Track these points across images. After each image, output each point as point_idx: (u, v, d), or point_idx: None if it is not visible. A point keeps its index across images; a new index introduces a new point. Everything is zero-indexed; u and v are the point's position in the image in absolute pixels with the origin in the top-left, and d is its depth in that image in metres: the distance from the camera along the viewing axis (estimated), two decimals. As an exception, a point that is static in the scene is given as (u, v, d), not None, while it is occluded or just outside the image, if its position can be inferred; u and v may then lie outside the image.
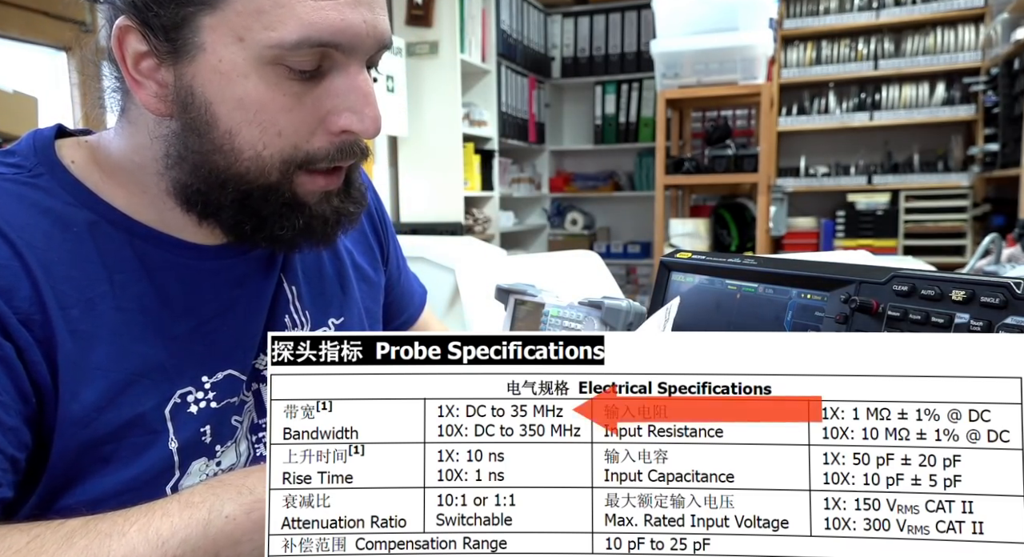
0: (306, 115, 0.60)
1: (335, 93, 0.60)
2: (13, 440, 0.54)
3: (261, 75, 0.58)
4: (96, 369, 0.58)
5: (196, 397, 0.64)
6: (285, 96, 0.59)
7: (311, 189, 0.63)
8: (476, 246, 2.27)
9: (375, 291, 0.85)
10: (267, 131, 0.59)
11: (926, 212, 3.73)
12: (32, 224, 0.59)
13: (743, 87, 2.85)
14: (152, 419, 0.61)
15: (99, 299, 0.60)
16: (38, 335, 0.56)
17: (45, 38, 2.20)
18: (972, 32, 3.69)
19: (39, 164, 0.63)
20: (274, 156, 0.60)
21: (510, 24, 3.78)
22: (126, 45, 0.59)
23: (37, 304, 0.56)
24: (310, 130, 0.61)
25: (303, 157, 0.61)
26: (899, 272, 0.60)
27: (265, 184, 0.61)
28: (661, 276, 0.78)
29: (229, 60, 0.57)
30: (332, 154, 0.62)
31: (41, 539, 0.48)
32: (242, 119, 0.59)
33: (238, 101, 0.58)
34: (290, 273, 0.74)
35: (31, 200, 0.60)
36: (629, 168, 4.53)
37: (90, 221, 0.62)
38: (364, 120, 0.61)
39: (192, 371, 0.64)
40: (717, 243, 3.15)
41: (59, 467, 0.57)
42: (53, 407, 0.57)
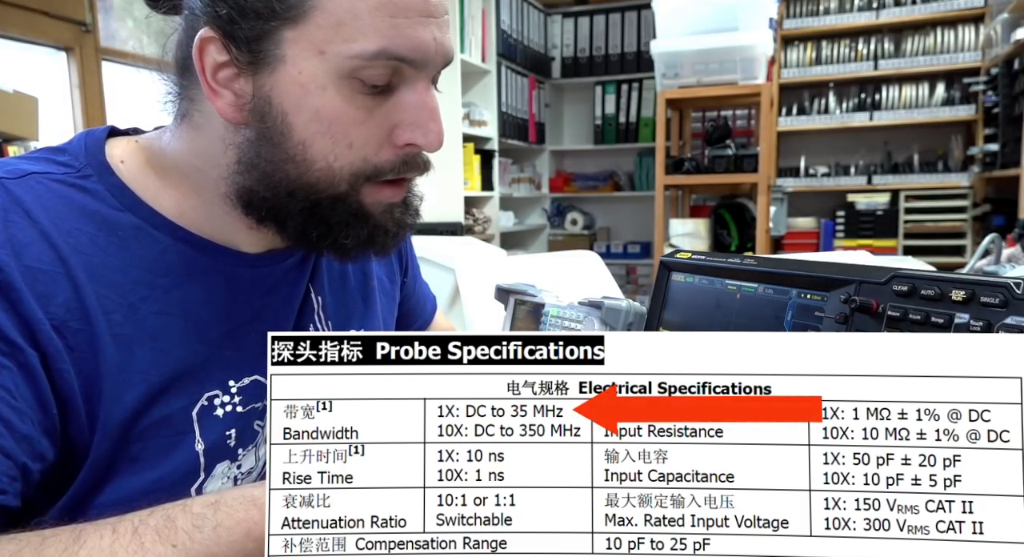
0: (375, 128, 0.61)
1: (403, 108, 0.62)
2: (26, 449, 0.54)
3: (338, 88, 0.59)
4: (136, 373, 0.59)
5: (223, 400, 0.65)
6: (358, 110, 0.60)
7: (377, 200, 0.64)
8: (476, 246, 2.27)
9: (391, 303, 0.87)
10: (339, 143, 0.61)
11: (926, 212, 3.73)
12: (78, 228, 0.60)
13: (743, 87, 2.85)
14: (180, 420, 0.62)
15: (141, 303, 0.61)
16: (72, 342, 0.56)
17: (45, 38, 2.20)
18: (972, 32, 3.69)
19: (88, 165, 0.64)
20: (344, 168, 0.61)
21: (510, 24, 3.78)
22: (206, 55, 0.59)
23: (78, 310, 0.57)
24: (379, 143, 0.62)
25: (371, 169, 0.62)
26: (899, 272, 0.60)
27: (334, 194, 0.62)
28: (661, 276, 0.78)
29: (309, 72, 0.59)
30: (398, 166, 0.63)
31: None
32: (316, 130, 0.60)
33: (314, 112, 0.59)
34: (317, 283, 0.75)
35: (79, 203, 0.61)
36: (629, 168, 4.53)
37: (135, 225, 0.62)
38: (429, 135, 0.62)
39: (220, 374, 0.65)
40: (717, 243, 3.15)
41: (94, 469, 0.58)
42: (85, 414, 0.57)
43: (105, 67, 2.37)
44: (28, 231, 0.57)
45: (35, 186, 0.60)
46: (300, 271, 0.73)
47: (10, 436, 0.52)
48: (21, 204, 0.58)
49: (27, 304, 0.55)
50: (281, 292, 0.71)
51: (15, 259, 0.55)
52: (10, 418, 0.52)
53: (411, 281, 0.92)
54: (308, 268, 0.74)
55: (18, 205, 0.58)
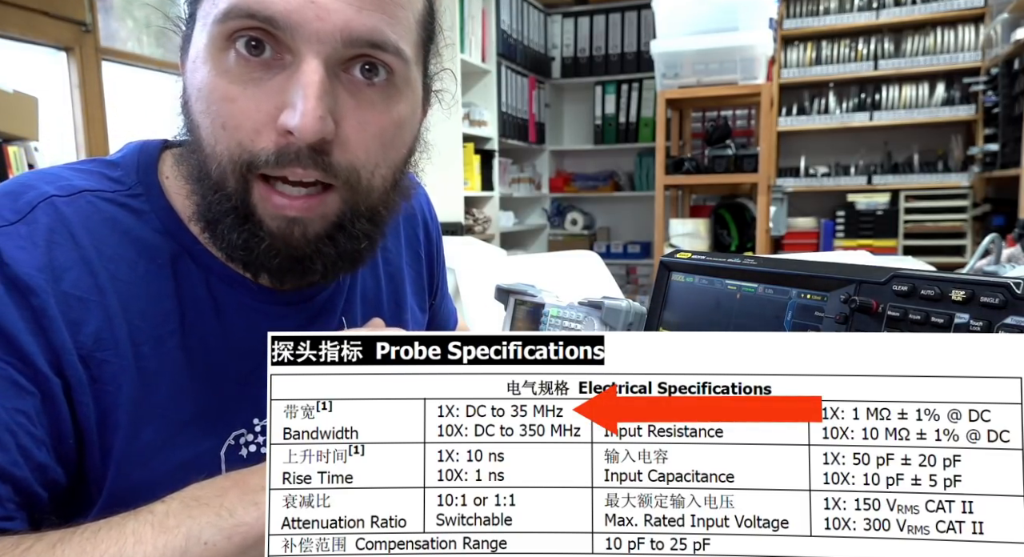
0: (251, 108, 0.54)
1: (285, 87, 0.54)
2: (39, 477, 0.52)
3: (214, 60, 0.54)
4: (156, 407, 0.58)
5: (247, 439, 0.63)
6: (231, 84, 0.53)
7: (267, 206, 0.56)
8: (476, 246, 2.27)
9: (419, 329, 0.85)
10: (215, 122, 0.54)
11: (926, 212, 3.73)
12: (120, 255, 0.58)
13: (743, 87, 2.85)
14: (208, 461, 0.60)
15: (168, 336, 0.59)
16: (96, 373, 0.55)
17: (45, 38, 2.20)
18: (972, 32, 3.69)
19: (139, 183, 0.61)
20: (223, 153, 0.55)
21: (510, 24, 3.78)
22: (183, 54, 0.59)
23: (108, 341, 0.55)
24: (255, 127, 0.54)
25: (248, 156, 0.54)
26: (899, 272, 0.60)
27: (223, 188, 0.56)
28: (661, 276, 0.78)
29: (196, 48, 0.56)
30: (271, 157, 0.54)
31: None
32: (201, 109, 0.55)
33: (197, 90, 0.55)
34: (350, 315, 0.73)
35: (124, 227, 0.59)
36: (629, 168, 4.53)
37: (174, 253, 0.60)
38: (295, 116, 0.52)
39: (246, 414, 0.63)
40: (717, 243, 3.15)
41: (110, 503, 0.56)
42: (99, 446, 0.56)
43: (105, 67, 2.37)
44: (70, 254, 0.56)
45: (84, 207, 0.58)
46: (331, 305, 0.70)
47: (26, 465, 0.51)
48: (68, 225, 0.57)
49: (58, 332, 0.53)
50: (313, 328, 0.68)
51: (53, 284, 0.54)
52: (28, 446, 0.51)
53: (438, 302, 0.90)
54: (341, 300, 0.71)
55: (65, 227, 0.57)
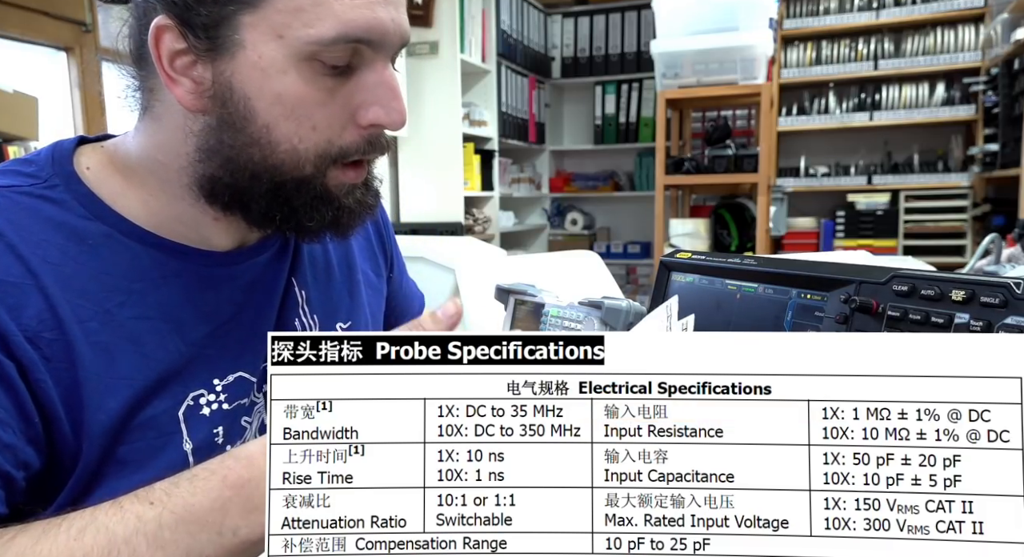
0: (338, 110, 0.62)
1: (365, 88, 0.62)
2: (10, 457, 0.54)
3: (299, 71, 0.59)
4: (120, 378, 0.59)
5: (208, 399, 0.65)
6: (319, 91, 0.60)
7: (340, 182, 0.64)
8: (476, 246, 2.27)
9: (379, 298, 0.86)
10: (303, 125, 0.61)
11: (926, 212, 3.73)
12: (46, 240, 0.59)
13: (743, 87, 2.85)
14: (166, 421, 0.62)
15: (117, 309, 0.60)
16: (47, 353, 0.56)
17: (45, 38, 2.20)
18: (972, 32, 3.69)
19: (55, 174, 0.63)
20: (309, 150, 0.62)
21: (510, 24, 3.78)
22: (162, 43, 0.59)
23: (51, 321, 0.57)
24: (342, 125, 0.62)
25: (336, 151, 0.63)
26: (899, 272, 0.60)
27: (299, 177, 0.62)
28: (661, 276, 0.78)
29: (269, 57, 0.59)
30: (363, 147, 0.64)
31: None
32: (280, 113, 0.60)
33: (276, 96, 0.60)
34: (300, 277, 0.75)
35: (46, 214, 0.61)
36: (629, 168, 4.53)
37: (104, 233, 0.62)
38: (392, 113, 0.63)
39: (205, 374, 0.65)
40: (717, 243, 3.15)
41: (83, 476, 0.58)
42: (68, 423, 0.57)
43: (105, 67, 2.37)
44: None
45: (1, 201, 0.60)
46: (279, 265, 0.73)
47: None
48: None
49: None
50: (261, 288, 0.70)
51: None
52: None
53: (397, 276, 0.92)
54: (287, 262, 0.74)
55: None
